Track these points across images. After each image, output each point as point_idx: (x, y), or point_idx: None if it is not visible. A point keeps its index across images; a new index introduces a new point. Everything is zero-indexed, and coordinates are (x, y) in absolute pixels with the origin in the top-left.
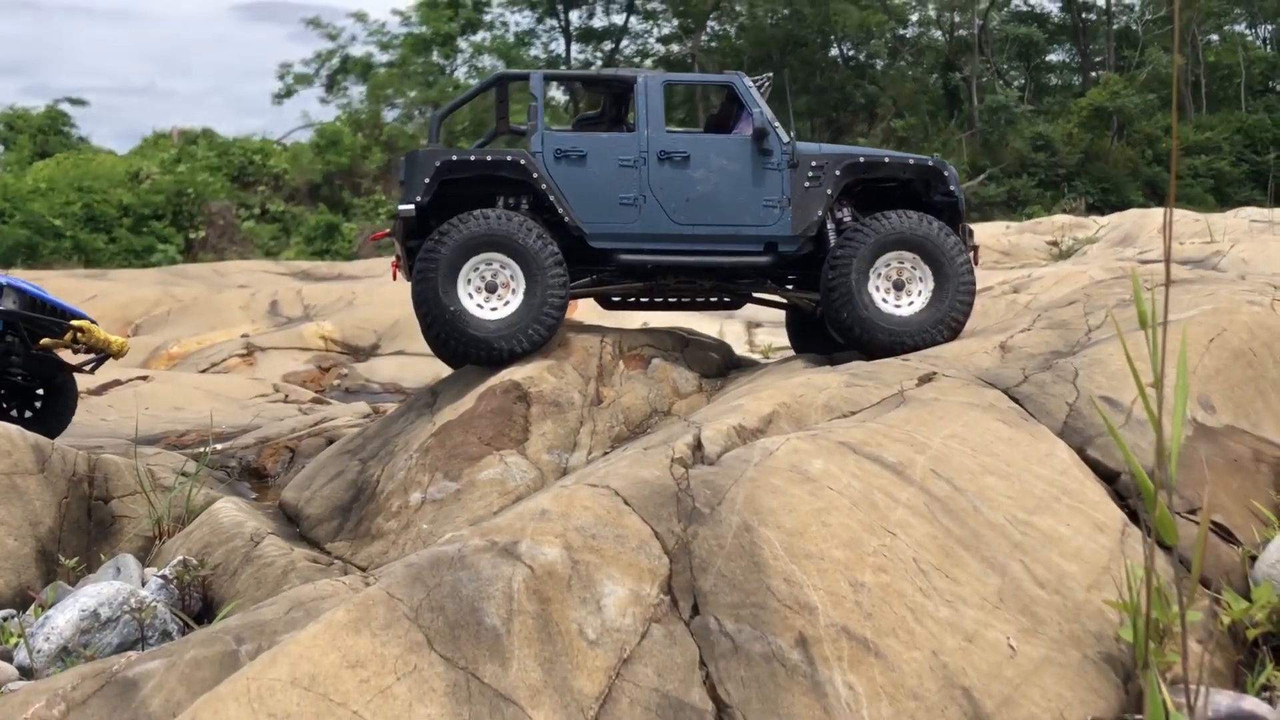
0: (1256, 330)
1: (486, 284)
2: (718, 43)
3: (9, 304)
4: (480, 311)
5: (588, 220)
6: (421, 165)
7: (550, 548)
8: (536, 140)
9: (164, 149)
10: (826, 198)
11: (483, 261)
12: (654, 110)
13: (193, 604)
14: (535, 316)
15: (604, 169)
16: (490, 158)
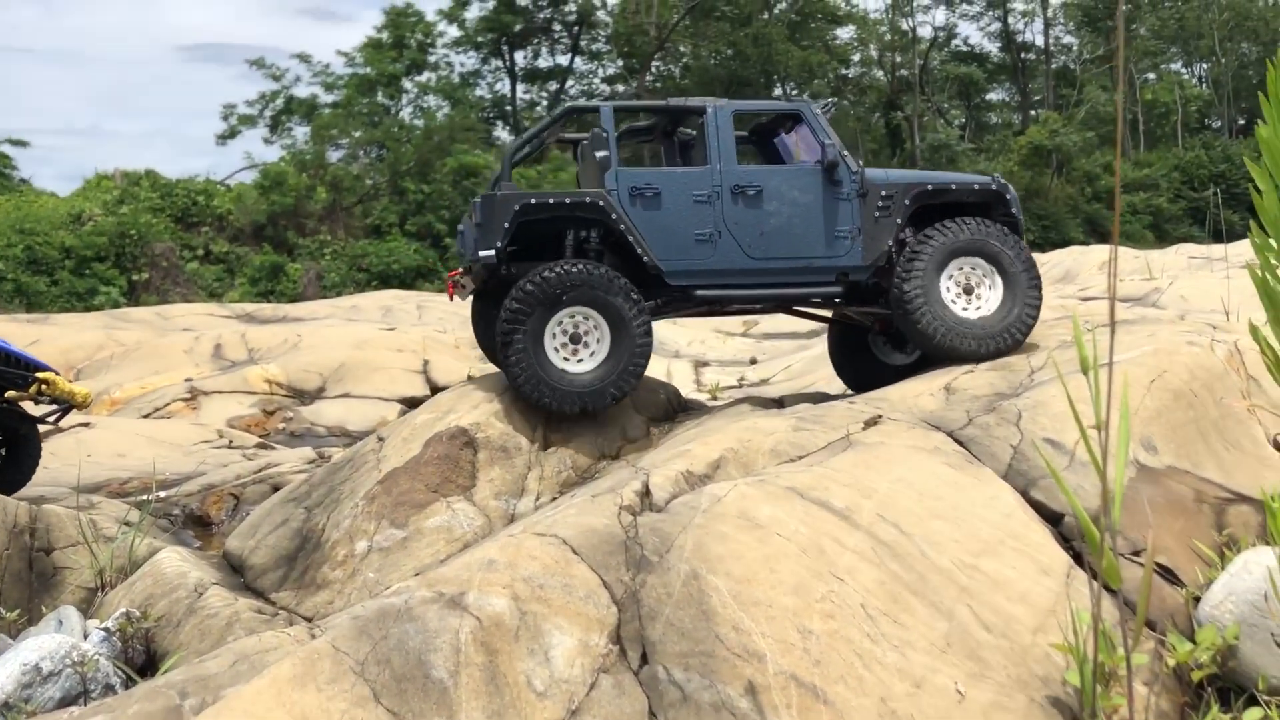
0: (1196, 371)
1: (570, 336)
2: (662, 83)
3: None
4: (565, 364)
5: (664, 258)
6: (500, 210)
7: (497, 598)
8: (611, 178)
9: (107, 190)
10: (896, 227)
11: (567, 315)
12: (725, 142)
13: (136, 656)
14: (621, 369)
15: (679, 206)
16: (569, 200)
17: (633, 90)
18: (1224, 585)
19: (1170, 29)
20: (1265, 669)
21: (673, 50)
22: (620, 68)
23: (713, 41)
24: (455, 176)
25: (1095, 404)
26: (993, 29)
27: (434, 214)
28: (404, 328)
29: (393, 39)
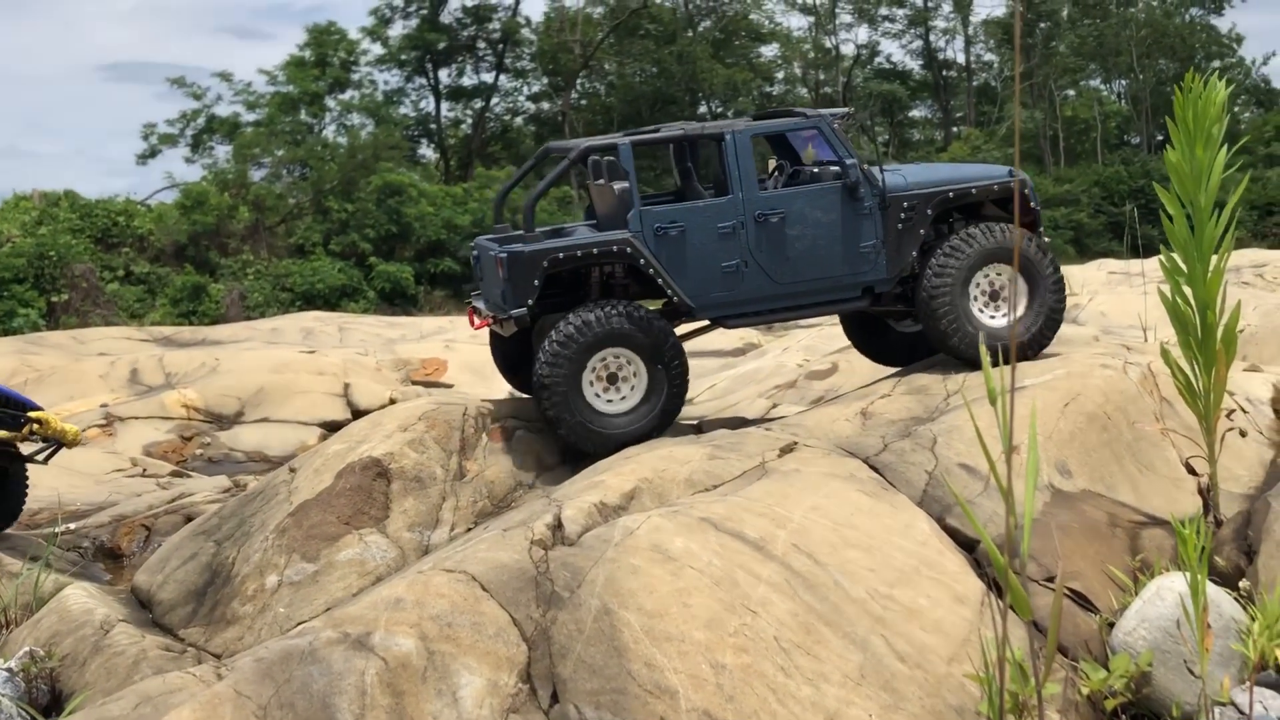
0: (1110, 394)
1: (608, 375)
2: (588, 100)
3: None
4: (601, 403)
5: (693, 295)
6: (529, 267)
7: (404, 638)
8: (635, 220)
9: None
10: (920, 237)
11: (604, 356)
12: (745, 167)
13: (40, 697)
14: (659, 406)
15: (705, 240)
16: (596, 250)
17: (558, 108)
18: (1137, 612)
19: (1089, 46)
20: (1179, 695)
21: (598, 68)
22: (545, 85)
23: (637, 59)
24: (380, 195)
25: (1003, 434)
26: (915, 47)
27: (358, 233)
28: (325, 350)
29: (315, 57)
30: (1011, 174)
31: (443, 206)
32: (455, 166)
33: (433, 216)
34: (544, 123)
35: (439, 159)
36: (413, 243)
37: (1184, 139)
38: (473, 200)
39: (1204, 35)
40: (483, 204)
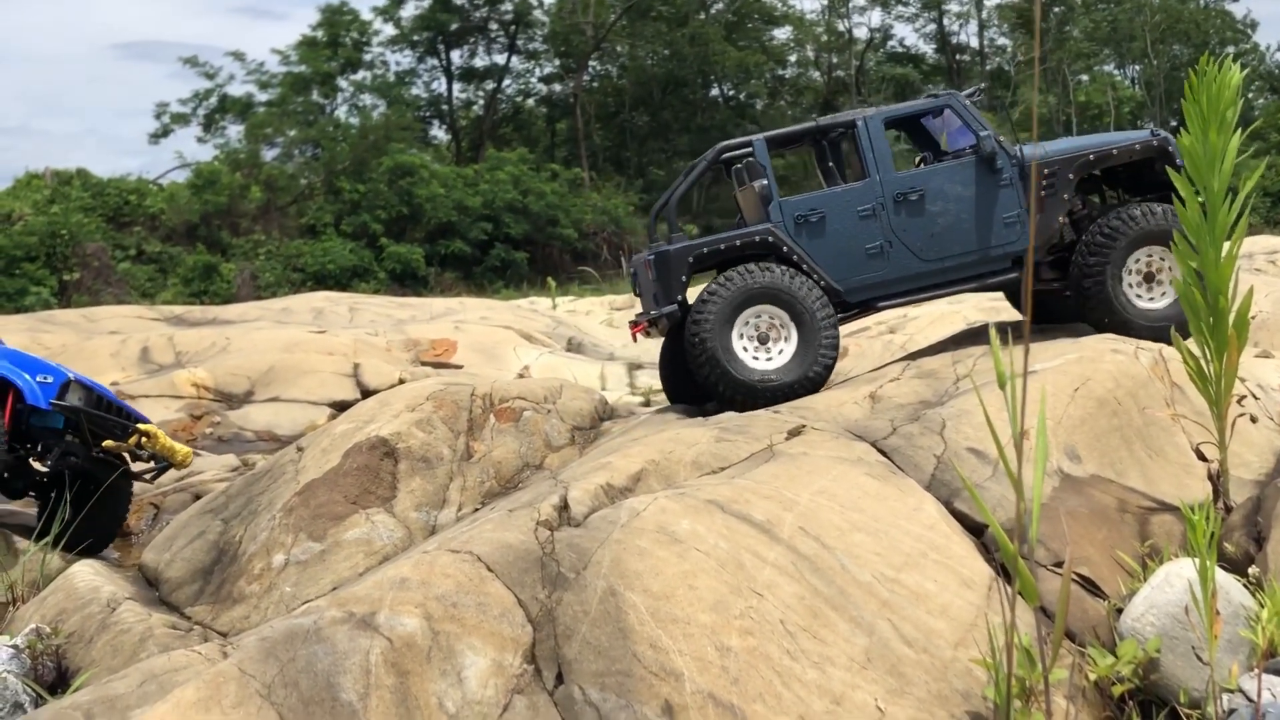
0: (1121, 379)
1: (759, 335)
2: (599, 82)
3: (74, 400)
4: (754, 362)
5: (840, 279)
6: (675, 265)
7: (409, 618)
8: (774, 210)
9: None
10: (1064, 202)
11: (754, 314)
12: (880, 151)
13: (46, 674)
14: (808, 365)
15: (845, 224)
16: (739, 241)
17: (570, 89)
18: (1145, 598)
19: (1103, 31)
20: (1186, 682)
21: (609, 50)
22: (557, 67)
23: (649, 41)
24: (391, 176)
25: (1012, 418)
26: (928, 30)
27: (369, 214)
28: (335, 330)
29: (328, 37)
30: (1154, 134)
31: (454, 188)
32: (467, 148)
33: (444, 198)
34: (555, 104)
35: (450, 140)
36: (424, 224)
37: (1198, 123)
38: (484, 182)
39: (1218, 21)
40: (494, 185)
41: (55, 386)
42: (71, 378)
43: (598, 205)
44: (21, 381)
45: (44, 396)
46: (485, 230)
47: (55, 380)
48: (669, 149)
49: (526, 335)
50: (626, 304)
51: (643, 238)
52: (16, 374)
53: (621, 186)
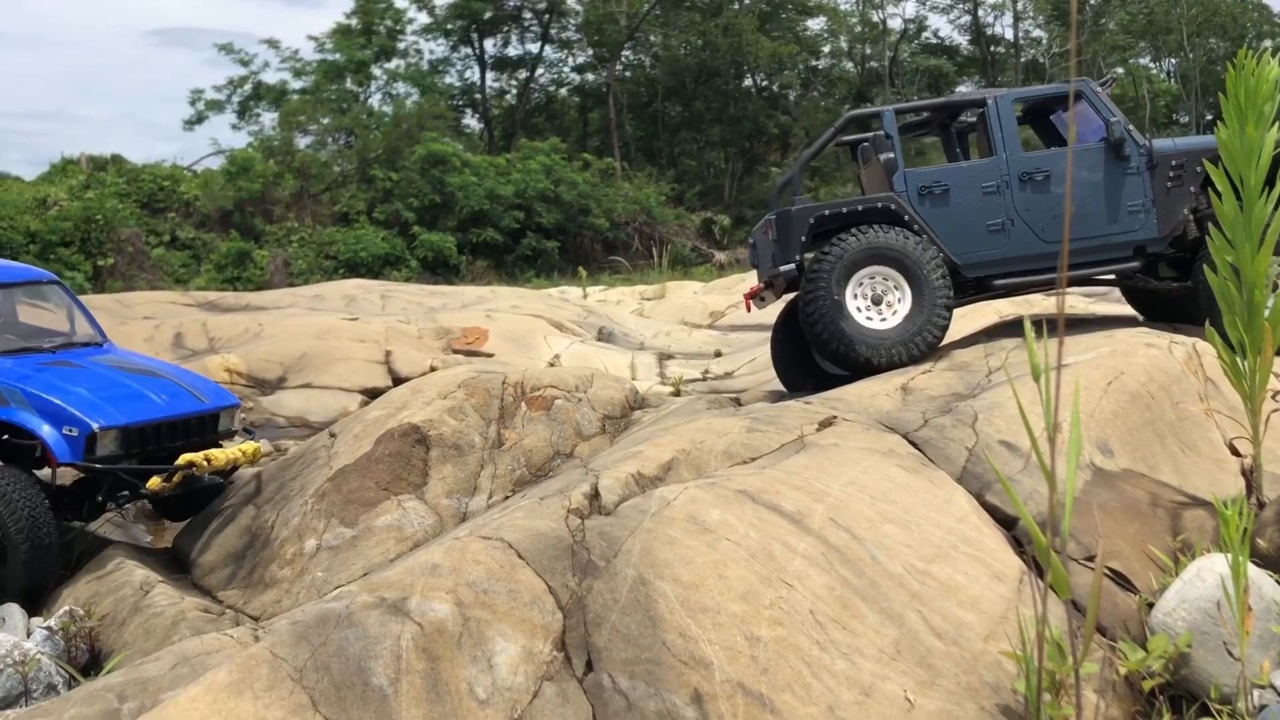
0: (1154, 373)
1: (873, 296)
2: (632, 72)
3: (108, 448)
4: (868, 322)
5: (959, 252)
6: (797, 225)
7: (440, 604)
8: (899, 180)
9: (73, 175)
10: (1190, 196)
11: (869, 275)
12: (1008, 131)
13: (80, 656)
14: (921, 328)
15: (969, 199)
16: (861, 207)
17: (603, 79)
18: (1177, 592)
19: (1139, 24)
20: (1217, 677)
21: (643, 40)
22: (590, 56)
23: (683, 31)
24: (424, 164)
25: (1046, 411)
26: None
27: (402, 202)
28: (367, 318)
29: (362, 25)
30: None
31: (486, 177)
32: (499, 137)
33: (476, 186)
34: (588, 94)
35: (483, 129)
36: (456, 213)
37: (1235, 116)
38: (516, 171)
39: (1255, 14)
40: (526, 174)
41: (81, 440)
42: (97, 428)
43: (629, 195)
44: (45, 435)
45: (70, 452)
46: (517, 219)
47: (80, 433)
48: (701, 139)
49: (557, 324)
50: (657, 294)
51: (673, 228)
52: (39, 426)
53: (653, 176)
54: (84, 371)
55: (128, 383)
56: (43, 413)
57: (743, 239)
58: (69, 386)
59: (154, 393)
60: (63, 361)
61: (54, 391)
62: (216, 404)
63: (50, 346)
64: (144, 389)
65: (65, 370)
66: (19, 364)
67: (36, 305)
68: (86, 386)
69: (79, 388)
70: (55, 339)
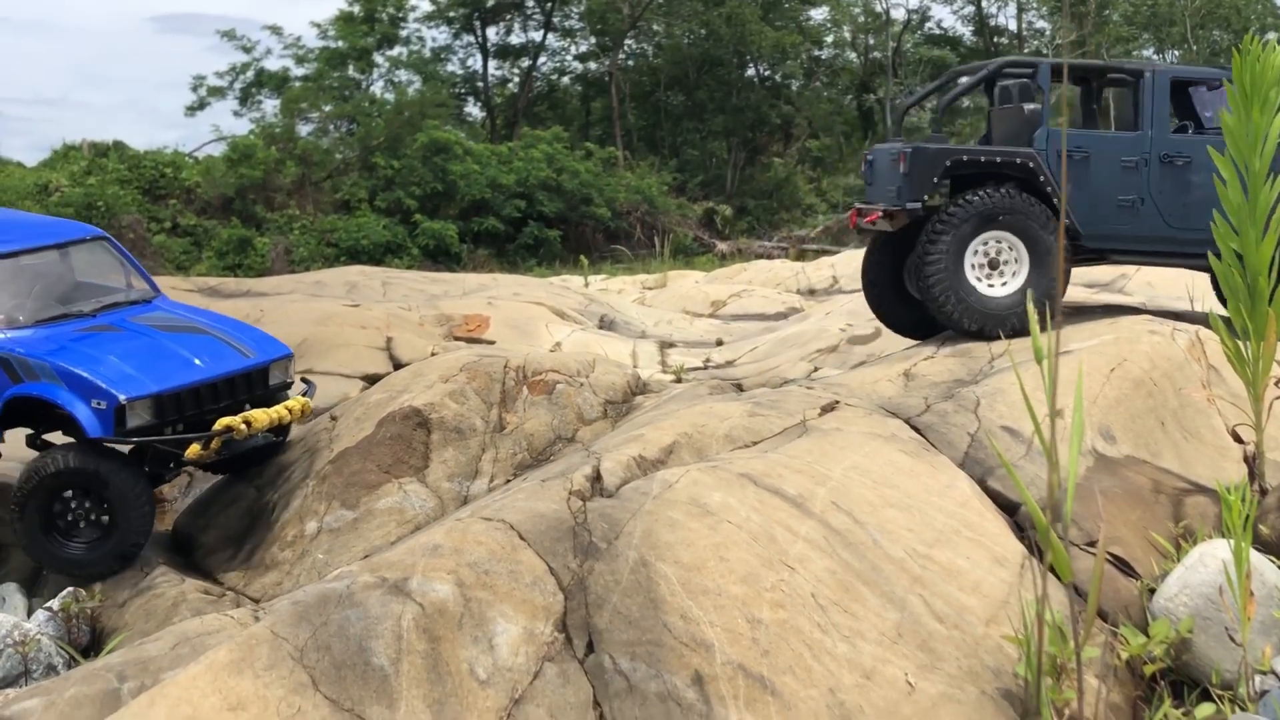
0: (1157, 360)
1: (989, 261)
2: (635, 61)
3: (138, 419)
4: (983, 288)
5: (1085, 221)
6: (931, 162)
7: (442, 584)
8: (1040, 137)
9: (74, 161)
10: None
11: (989, 239)
12: (1159, 108)
13: (80, 636)
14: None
15: (1106, 170)
16: (999, 158)
17: (605, 68)
18: (1179, 578)
19: (1143, 15)
20: (1219, 663)
21: (645, 29)
22: (593, 45)
23: (686, 21)
24: (426, 152)
25: (1049, 394)
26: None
27: (404, 190)
28: (368, 304)
29: (364, 12)
30: None
31: (488, 165)
32: (501, 125)
33: (478, 175)
34: (591, 83)
35: (485, 117)
36: (457, 201)
37: (1240, 102)
38: (518, 160)
39: (1259, 6)
40: (528, 163)
41: (110, 413)
42: (125, 399)
43: (631, 184)
44: (75, 410)
45: (101, 426)
46: (519, 208)
47: (109, 405)
48: (703, 129)
49: (559, 312)
50: (658, 283)
51: (675, 217)
52: (69, 400)
53: (655, 166)
54: (121, 336)
55: (166, 344)
56: (72, 386)
57: (744, 229)
58: (100, 355)
59: (194, 353)
60: (101, 326)
61: (83, 363)
62: (264, 358)
63: (91, 309)
64: (183, 350)
65: (101, 336)
66: (54, 333)
67: (85, 263)
68: (119, 353)
69: (111, 355)
70: (100, 299)
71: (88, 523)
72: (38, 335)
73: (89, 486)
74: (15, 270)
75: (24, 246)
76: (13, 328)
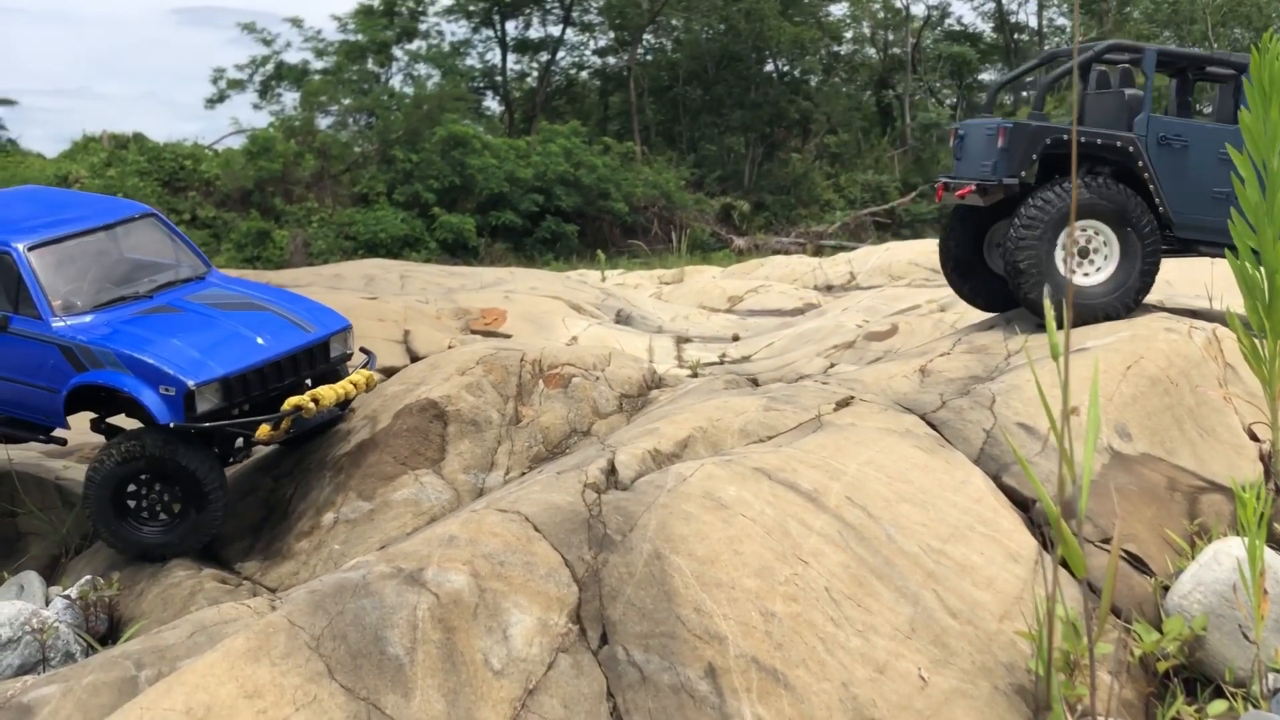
0: (1174, 358)
1: (1080, 249)
2: (653, 56)
3: (207, 403)
4: (1075, 278)
5: (1179, 211)
6: (1030, 139)
7: (457, 575)
8: (1141, 123)
9: (94, 153)
10: None
11: (1081, 227)
12: None
13: (98, 624)
14: (1123, 287)
15: (1204, 161)
16: (1100, 140)
17: (624, 62)
18: (1193, 575)
19: (1164, 13)
20: (1232, 661)
21: (664, 23)
22: (612, 40)
23: (704, 15)
24: (444, 146)
25: (1064, 391)
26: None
27: (422, 183)
28: (386, 297)
29: (384, 6)
30: None
31: (506, 159)
32: (519, 119)
33: (496, 169)
34: (609, 77)
35: (503, 112)
36: (475, 195)
37: (1259, 99)
38: (536, 154)
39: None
40: (546, 157)
41: (179, 399)
42: (193, 385)
43: (649, 179)
44: (143, 398)
45: (170, 413)
46: (536, 202)
47: (178, 392)
48: (721, 124)
49: (575, 306)
50: (675, 278)
51: (692, 213)
52: (137, 388)
53: (673, 161)
54: (180, 317)
55: (226, 323)
56: (138, 372)
57: (761, 225)
58: (163, 339)
59: (255, 332)
60: (159, 307)
61: (147, 349)
62: (325, 331)
63: (147, 290)
64: (244, 329)
65: (160, 319)
66: (113, 318)
67: (136, 241)
68: (182, 336)
69: (174, 339)
70: (154, 278)
71: (162, 506)
72: (97, 321)
73: (163, 472)
74: (67, 254)
75: (74, 230)
76: (71, 314)
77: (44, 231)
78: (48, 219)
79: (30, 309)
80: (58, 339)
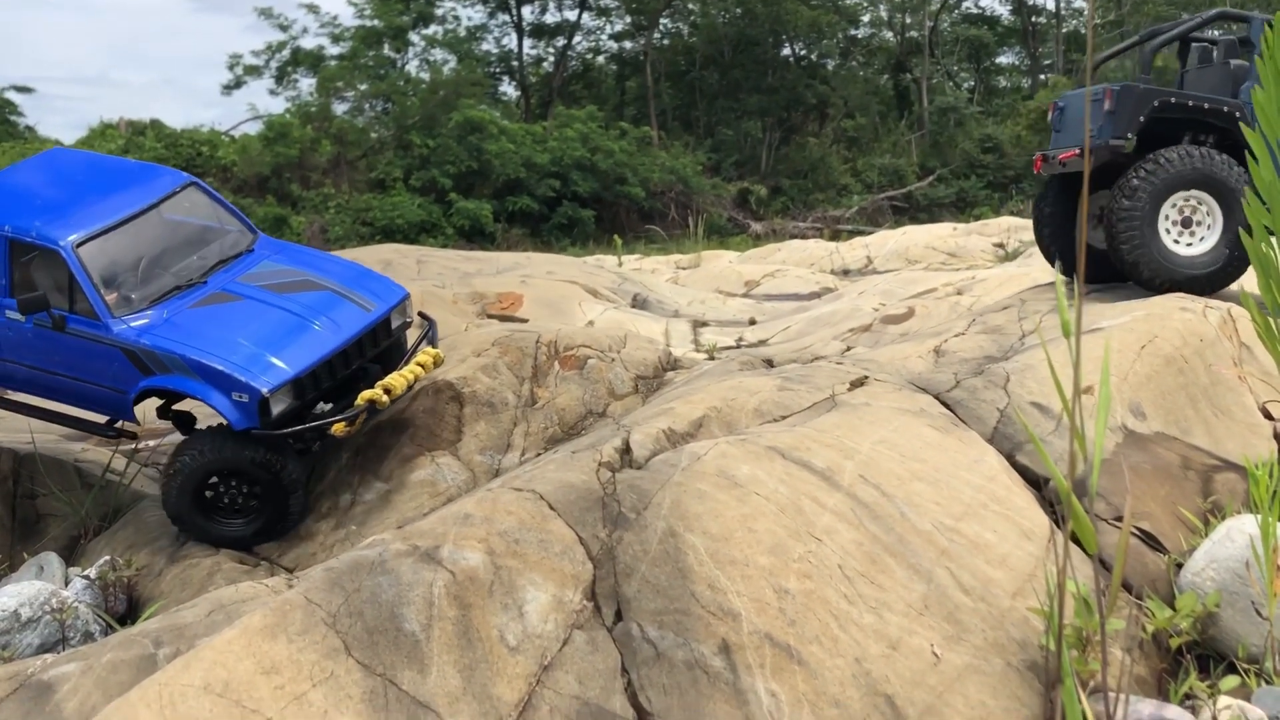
0: (1188, 337)
1: (1183, 219)
2: (670, 40)
3: (283, 402)
4: (1175, 246)
5: None
6: (1139, 101)
7: (472, 552)
8: (1247, 91)
9: (111, 140)
10: None
11: (1183, 198)
12: None
13: (117, 604)
14: (1224, 259)
15: None
16: (1207, 105)
17: (641, 47)
18: (1206, 552)
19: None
20: (1245, 637)
21: (681, 7)
22: (628, 24)
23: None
24: (460, 131)
25: (1075, 370)
26: None
27: (438, 169)
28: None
29: None
30: None
31: (522, 144)
32: (536, 105)
33: (512, 154)
34: (626, 62)
35: (520, 97)
36: (492, 180)
37: (1272, 77)
38: (552, 139)
39: None
40: (562, 143)
41: (253, 405)
42: (267, 392)
43: (665, 164)
44: (218, 405)
45: (245, 419)
46: (553, 187)
47: (252, 399)
48: (738, 108)
49: (592, 290)
50: (692, 263)
51: (709, 197)
52: (209, 394)
53: (690, 146)
54: (240, 307)
55: (289, 310)
56: (207, 378)
57: (779, 210)
58: (229, 338)
59: (317, 319)
60: (216, 296)
61: (214, 352)
62: (385, 307)
63: (201, 275)
64: (306, 316)
65: (220, 310)
66: (172, 313)
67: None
68: (246, 333)
69: (239, 337)
70: (204, 258)
71: (243, 501)
72: (156, 320)
73: (245, 473)
74: (117, 244)
75: (121, 216)
76: (130, 312)
77: (91, 222)
78: (89, 201)
79: (85, 307)
80: (120, 342)
